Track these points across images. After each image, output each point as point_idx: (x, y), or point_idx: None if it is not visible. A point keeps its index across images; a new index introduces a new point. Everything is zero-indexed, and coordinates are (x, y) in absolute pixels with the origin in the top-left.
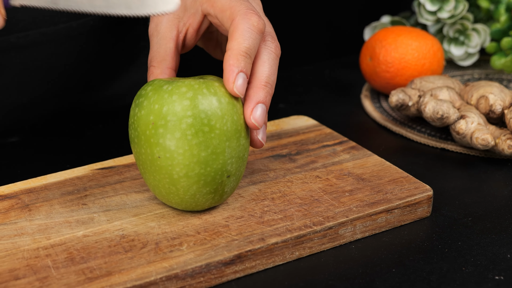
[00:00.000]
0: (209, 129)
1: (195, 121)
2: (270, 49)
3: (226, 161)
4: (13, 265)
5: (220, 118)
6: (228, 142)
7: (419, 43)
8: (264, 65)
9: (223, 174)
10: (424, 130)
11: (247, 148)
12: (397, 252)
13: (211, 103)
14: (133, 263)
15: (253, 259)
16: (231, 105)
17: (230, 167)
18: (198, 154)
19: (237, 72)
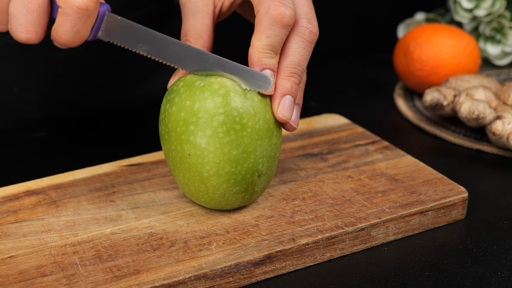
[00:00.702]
0: (241, 127)
1: (226, 119)
2: (302, 36)
3: (257, 160)
4: (40, 262)
5: (252, 116)
6: (260, 141)
7: (454, 41)
8: (292, 55)
9: (253, 174)
10: (459, 130)
11: (279, 147)
12: (430, 255)
13: (244, 101)
14: (161, 262)
15: (283, 259)
16: (264, 103)
17: (261, 167)
18: (229, 152)
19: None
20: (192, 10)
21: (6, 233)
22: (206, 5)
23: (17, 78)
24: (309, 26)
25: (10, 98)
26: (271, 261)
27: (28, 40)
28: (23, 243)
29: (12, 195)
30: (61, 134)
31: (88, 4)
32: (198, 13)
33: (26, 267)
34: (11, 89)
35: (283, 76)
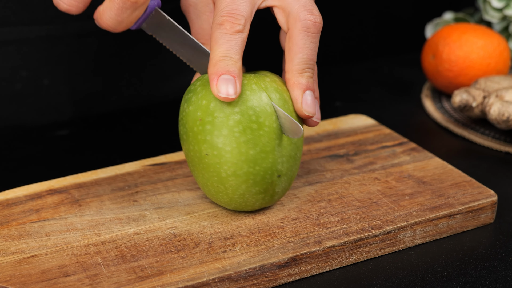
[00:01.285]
0: (257, 127)
1: (242, 118)
2: (307, 30)
3: (276, 160)
4: (63, 262)
5: (270, 115)
6: (278, 140)
7: (484, 42)
8: (301, 51)
9: (273, 174)
10: (488, 132)
11: (300, 146)
12: (458, 260)
13: (260, 99)
14: (185, 263)
15: (309, 262)
16: (283, 101)
17: (280, 167)
18: (246, 152)
19: (217, 76)
20: (194, 13)
21: (29, 232)
22: (206, 5)
23: (47, 71)
24: (312, 18)
25: (39, 91)
26: (296, 264)
27: (67, 11)
28: (46, 243)
29: (34, 194)
30: (85, 132)
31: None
32: (201, 15)
33: (49, 267)
34: (41, 82)
35: (296, 73)
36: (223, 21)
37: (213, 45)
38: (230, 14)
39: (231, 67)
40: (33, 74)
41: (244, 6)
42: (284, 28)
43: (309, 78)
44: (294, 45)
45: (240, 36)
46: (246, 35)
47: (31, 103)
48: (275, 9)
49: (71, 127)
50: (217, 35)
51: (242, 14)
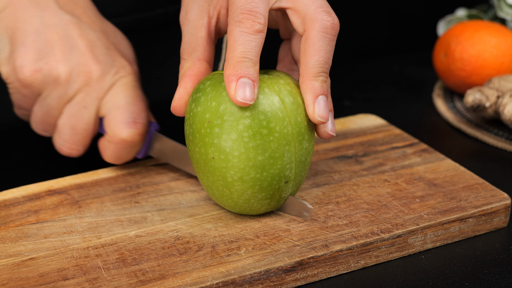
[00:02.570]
0: (267, 132)
1: (253, 123)
2: (325, 31)
3: (284, 166)
4: (62, 265)
5: (281, 120)
6: (288, 146)
7: (498, 40)
8: (317, 54)
9: (280, 180)
10: (501, 133)
11: (311, 151)
12: (470, 265)
13: (272, 103)
14: (188, 267)
15: (316, 266)
16: (296, 105)
17: (288, 172)
18: (255, 158)
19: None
20: (187, 26)
21: (27, 234)
22: (200, 18)
23: None
24: (330, 19)
25: None
26: (303, 268)
27: (68, 155)
28: (44, 245)
29: (33, 195)
30: None
31: (134, 138)
32: (192, 28)
33: (47, 270)
34: None
35: (311, 77)
36: (242, 18)
37: (231, 43)
38: (250, 12)
39: (251, 70)
40: None
41: (262, 5)
42: (299, 30)
43: (323, 82)
44: (311, 46)
45: (260, 36)
46: (264, 36)
47: None
48: (289, 11)
49: None
50: (236, 33)
51: (261, 12)
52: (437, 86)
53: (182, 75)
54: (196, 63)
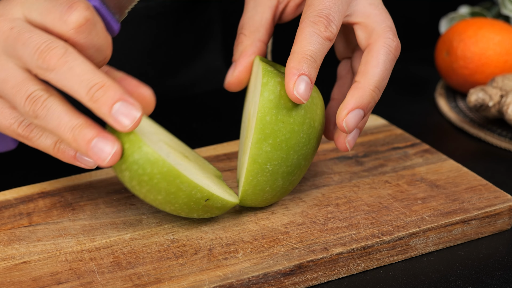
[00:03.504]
0: (148, 178)
1: (131, 174)
2: (389, 48)
3: (191, 192)
4: (55, 268)
5: (156, 161)
6: (179, 180)
7: (502, 37)
8: (378, 66)
9: (198, 202)
10: (505, 133)
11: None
12: (474, 268)
13: (140, 150)
14: (184, 270)
15: (315, 270)
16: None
17: (201, 194)
18: (155, 198)
19: (298, 74)
20: (254, 1)
21: (19, 237)
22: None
23: None
24: (395, 40)
25: None
26: (302, 272)
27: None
28: (37, 248)
29: (25, 197)
30: None
31: (86, 15)
32: (259, 6)
33: (40, 274)
34: None
35: (366, 88)
36: (318, 21)
37: (301, 39)
38: (328, 19)
39: (313, 72)
40: None
41: (338, 16)
42: (362, 44)
43: (373, 100)
44: (374, 58)
45: (328, 44)
46: (330, 46)
47: None
48: (357, 26)
49: None
50: (309, 32)
51: (335, 23)
52: (439, 85)
53: (242, 51)
54: (257, 43)
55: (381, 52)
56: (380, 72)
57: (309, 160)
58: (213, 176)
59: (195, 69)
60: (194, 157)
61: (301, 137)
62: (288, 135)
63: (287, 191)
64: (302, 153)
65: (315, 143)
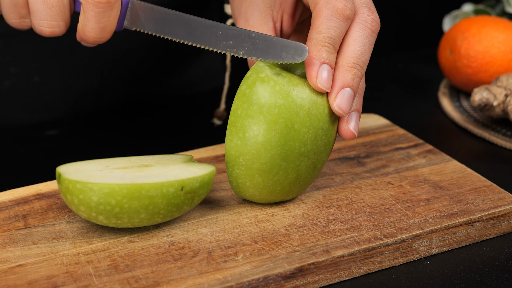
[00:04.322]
0: None
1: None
2: (364, 24)
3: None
4: (51, 272)
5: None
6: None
7: (506, 36)
8: (354, 43)
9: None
10: (510, 134)
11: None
12: (478, 271)
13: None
14: (183, 273)
15: (316, 273)
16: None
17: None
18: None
19: (319, 65)
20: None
21: (15, 239)
22: (265, 24)
23: (38, 67)
24: (371, 15)
25: (30, 89)
26: (303, 275)
27: (52, 34)
28: (33, 251)
29: (21, 199)
30: (75, 132)
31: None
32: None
33: (36, 277)
34: (31, 79)
35: (345, 65)
36: (335, 0)
37: (319, 24)
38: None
39: (333, 58)
40: (23, 70)
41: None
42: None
43: (356, 76)
44: (348, 36)
45: (347, 24)
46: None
47: (20, 102)
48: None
49: (62, 126)
50: (326, 15)
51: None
52: (443, 85)
53: None
54: None
55: (355, 29)
56: (356, 48)
57: (294, 163)
58: (181, 164)
59: (193, 70)
60: (157, 160)
61: (272, 135)
62: (257, 132)
63: (282, 192)
64: (276, 153)
65: (297, 146)
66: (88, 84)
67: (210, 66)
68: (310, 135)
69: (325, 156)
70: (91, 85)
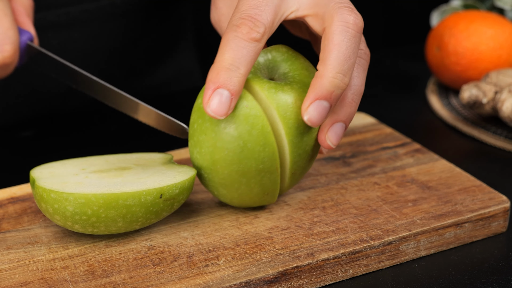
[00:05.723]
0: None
1: None
2: (345, 25)
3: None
4: (26, 278)
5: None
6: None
7: (495, 31)
8: (336, 49)
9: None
10: (500, 131)
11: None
12: (467, 273)
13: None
14: (162, 279)
15: (301, 277)
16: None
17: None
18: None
19: (213, 89)
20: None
21: None
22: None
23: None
24: (351, 13)
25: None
26: (287, 279)
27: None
28: (7, 257)
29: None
30: (51, 133)
31: (4, 61)
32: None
33: (10, 284)
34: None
35: (324, 76)
36: (240, 23)
37: (222, 47)
38: (251, 18)
39: (234, 81)
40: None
41: (267, 14)
42: (319, 31)
43: (337, 88)
44: (329, 41)
45: (255, 45)
46: (261, 47)
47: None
48: (308, 19)
49: (36, 127)
50: (229, 37)
51: (263, 21)
52: (431, 82)
53: None
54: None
55: (336, 32)
56: (338, 54)
57: (255, 178)
58: (160, 166)
59: (166, 70)
60: (136, 161)
61: (225, 154)
62: (211, 149)
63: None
64: (233, 170)
65: (254, 164)
66: (55, 89)
67: (183, 65)
68: (267, 153)
69: (306, 162)
70: (58, 90)
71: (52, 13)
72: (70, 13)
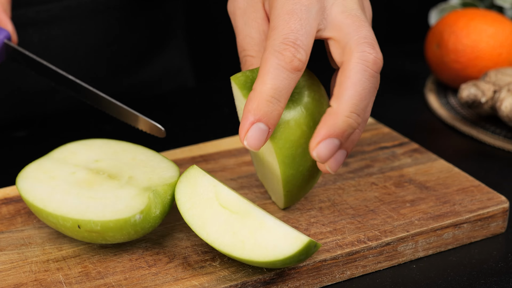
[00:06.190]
0: None
1: None
2: (365, 64)
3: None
4: (19, 279)
5: None
6: None
7: (495, 29)
8: (353, 88)
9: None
10: (499, 131)
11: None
12: (466, 274)
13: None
14: (157, 280)
15: (297, 278)
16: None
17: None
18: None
19: (252, 121)
20: (242, 19)
21: None
22: (256, 11)
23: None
24: (372, 52)
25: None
26: (283, 280)
27: None
28: (0, 258)
29: None
30: (42, 133)
31: None
32: (250, 21)
33: (3, 286)
34: None
35: (339, 114)
36: (283, 49)
37: (263, 74)
38: (295, 45)
39: (274, 115)
40: None
41: (307, 39)
42: (337, 62)
43: (350, 127)
44: (347, 78)
45: (297, 75)
46: (301, 74)
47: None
48: (331, 42)
49: (30, 127)
50: (272, 64)
51: (304, 47)
52: (430, 80)
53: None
54: None
55: (355, 70)
56: (355, 94)
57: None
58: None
59: (154, 68)
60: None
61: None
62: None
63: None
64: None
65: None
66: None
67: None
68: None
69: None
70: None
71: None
72: (51, 9)
